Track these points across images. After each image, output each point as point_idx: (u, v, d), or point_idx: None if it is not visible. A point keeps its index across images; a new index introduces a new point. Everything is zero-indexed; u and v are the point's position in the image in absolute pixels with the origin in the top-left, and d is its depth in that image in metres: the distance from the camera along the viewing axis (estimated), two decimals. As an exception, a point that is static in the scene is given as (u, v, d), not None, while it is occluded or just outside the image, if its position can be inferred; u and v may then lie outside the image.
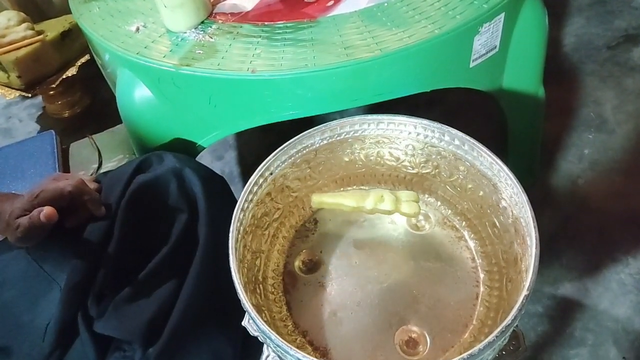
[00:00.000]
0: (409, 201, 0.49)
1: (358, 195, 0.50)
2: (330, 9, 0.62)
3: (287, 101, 0.56)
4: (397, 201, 0.49)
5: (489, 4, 0.57)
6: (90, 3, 0.69)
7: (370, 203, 0.49)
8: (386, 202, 0.49)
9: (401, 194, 0.50)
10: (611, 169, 0.97)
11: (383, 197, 0.49)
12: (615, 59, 1.19)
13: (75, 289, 0.54)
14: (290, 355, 0.38)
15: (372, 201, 0.50)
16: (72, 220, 0.57)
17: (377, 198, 0.49)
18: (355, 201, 0.51)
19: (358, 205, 0.51)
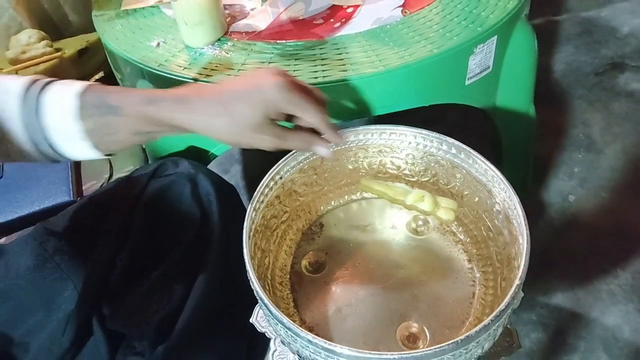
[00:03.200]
0: (447, 208, 0.51)
1: (402, 190, 0.52)
2: (337, 29, 0.67)
3: (296, 112, 0.60)
4: (436, 205, 0.51)
5: (482, 27, 0.63)
6: (113, 21, 0.74)
7: (410, 199, 0.51)
8: (425, 203, 0.50)
9: (441, 199, 0.52)
10: (600, 187, 1.01)
11: (424, 197, 0.51)
12: (603, 85, 1.25)
13: (92, 288, 0.56)
14: (301, 338, 0.41)
15: (412, 198, 0.51)
16: None
17: (418, 197, 0.51)
18: (399, 194, 0.53)
19: (399, 198, 0.52)
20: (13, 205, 0.75)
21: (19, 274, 0.57)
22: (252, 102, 0.42)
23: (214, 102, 0.42)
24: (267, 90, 0.42)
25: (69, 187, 0.77)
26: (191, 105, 0.42)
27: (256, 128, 0.43)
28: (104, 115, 0.42)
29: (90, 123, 0.43)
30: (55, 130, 0.43)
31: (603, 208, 0.97)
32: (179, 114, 0.42)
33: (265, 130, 0.43)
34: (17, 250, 0.59)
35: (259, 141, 0.44)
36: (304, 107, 0.43)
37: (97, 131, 0.43)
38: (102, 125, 0.43)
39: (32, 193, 0.78)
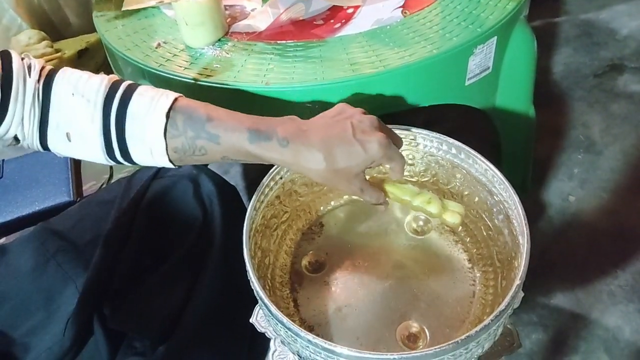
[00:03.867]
0: (454, 212, 0.51)
1: (409, 191, 0.52)
2: (337, 30, 0.67)
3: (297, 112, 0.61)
4: (444, 208, 0.51)
5: (482, 28, 0.63)
6: (114, 21, 0.74)
7: (417, 201, 0.51)
8: (432, 206, 0.51)
9: (448, 202, 0.52)
10: (600, 187, 1.01)
11: (431, 200, 0.51)
12: (602, 86, 1.26)
13: (94, 288, 0.56)
14: (301, 338, 0.41)
15: (419, 200, 0.51)
16: None
17: (425, 199, 0.51)
18: (406, 194, 0.52)
19: (406, 199, 0.52)
20: (13, 206, 0.75)
21: (20, 274, 0.57)
22: (357, 159, 0.43)
23: (319, 153, 0.43)
24: (372, 150, 0.43)
25: (69, 188, 0.77)
26: (297, 152, 0.43)
27: (350, 179, 0.45)
28: (198, 139, 0.43)
29: (177, 143, 0.43)
30: (136, 142, 0.43)
31: (603, 209, 0.97)
32: (284, 157, 0.44)
33: (357, 180, 0.46)
34: (18, 250, 0.59)
35: (347, 188, 0.46)
36: (398, 162, 0.46)
37: (184, 151, 0.44)
38: (190, 147, 0.43)
39: (32, 193, 0.78)
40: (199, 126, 0.43)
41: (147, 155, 0.44)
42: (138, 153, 0.44)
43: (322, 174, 0.44)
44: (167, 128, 0.42)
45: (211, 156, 0.44)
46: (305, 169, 0.44)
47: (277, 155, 0.44)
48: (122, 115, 0.43)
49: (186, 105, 0.44)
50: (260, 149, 0.43)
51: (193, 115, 0.43)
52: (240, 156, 0.45)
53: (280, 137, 0.43)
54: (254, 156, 0.44)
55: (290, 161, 0.44)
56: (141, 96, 0.43)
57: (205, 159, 0.45)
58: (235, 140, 0.43)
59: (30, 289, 0.56)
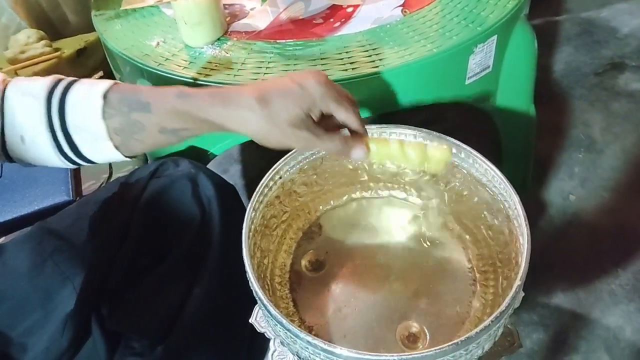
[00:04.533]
0: (439, 160, 0.46)
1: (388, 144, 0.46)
2: (337, 29, 0.67)
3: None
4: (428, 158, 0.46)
5: (482, 26, 0.63)
6: (113, 20, 0.74)
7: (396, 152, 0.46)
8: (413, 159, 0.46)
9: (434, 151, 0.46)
10: (600, 186, 1.01)
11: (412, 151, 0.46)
12: (603, 85, 1.25)
13: (91, 288, 0.56)
14: (300, 339, 0.41)
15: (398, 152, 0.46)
16: None
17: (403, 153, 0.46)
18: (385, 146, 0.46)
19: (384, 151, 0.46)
20: (12, 205, 0.75)
21: (17, 274, 0.57)
22: (293, 97, 0.41)
23: (252, 97, 0.41)
24: (308, 87, 0.41)
25: (68, 187, 0.77)
26: (228, 99, 0.42)
27: (294, 123, 0.41)
28: (132, 113, 0.42)
29: (115, 122, 0.42)
30: (79, 130, 0.43)
31: (604, 208, 0.97)
32: (215, 107, 0.42)
33: (303, 126, 0.42)
34: (15, 250, 0.59)
35: (293, 138, 0.42)
36: (340, 104, 0.43)
37: (123, 130, 0.43)
38: (128, 124, 0.42)
39: (31, 193, 0.78)
40: (132, 99, 0.42)
41: (92, 144, 0.43)
42: (84, 144, 0.43)
43: (261, 124, 0.41)
44: (104, 109, 0.42)
45: (150, 131, 0.43)
46: (241, 121, 0.42)
47: (207, 105, 0.42)
48: (63, 105, 0.42)
49: (122, 86, 0.43)
50: (188, 103, 0.42)
51: (127, 92, 0.43)
52: (174, 120, 0.43)
53: (210, 89, 0.43)
54: (185, 115, 0.42)
55: (222, 113, 0.41)
56: (81, 84, 0.43)
57: (146, 137, 0.43)
58: (165, 102, 0.42)
59: (27, 288, 0.56)
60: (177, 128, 0.43)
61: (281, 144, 0.43)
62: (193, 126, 0.43)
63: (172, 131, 0.44)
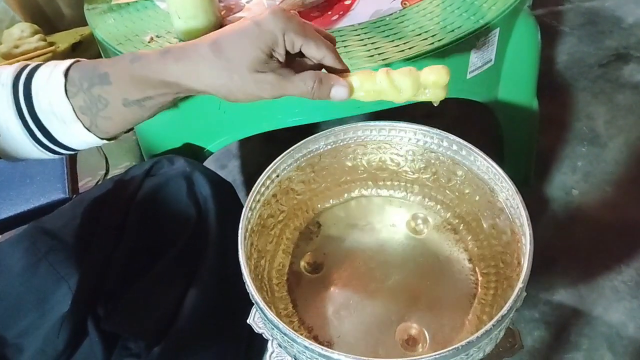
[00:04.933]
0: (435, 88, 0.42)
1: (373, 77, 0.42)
2: (334, 22, 0.65)
3: (293, 108, 0.59)
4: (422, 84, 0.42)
5: (484, 19, 0.61)
6: (106, 15, 0.72)
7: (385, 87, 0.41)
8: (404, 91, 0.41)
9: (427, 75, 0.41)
10: (604, 181, 1.00)
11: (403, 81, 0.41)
12: (607, 76, 1.23)
13: (87, 289, 0.56)
14: (297, 343, 0.40)
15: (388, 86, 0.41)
16: None
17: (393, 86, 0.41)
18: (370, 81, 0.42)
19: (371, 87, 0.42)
20: (8, 203, 0.75)
21: (12, 274, 0.56)
22: (249, 38, 0.37)
23: (205, 46, 0.38)
24: (264, 22, 0.37)
25: (64, 184, 0.76)
26: (180, 53, 0.38)
27: (255, 66, 0.37)
28: (93, 87, 0.40)
29: (79, 100, 0.40)
30: (47, 114, 0.41)
31: (607, 202, 0.96)
32: (167, 65, 0.39)
33: (267, 69, 0.38)
34: (9, 250, 0.58)
35: (258, 85, 0.38)
36: (307, 36, 0.38)
37: (88, 108, 0.41)
38: (91, 100, 0.40)
39: (27, 190, 0.77)
40: (91, 73, 0.40)
41: (62, 127, 0.42)
42: (55, 129, 0.42)
43: (216, 74, 0.38)
44: (66, 87, 0.40)
45: (114, 106, 0.41)
46: (199, 76, 0.38)
47: (159, 65, 0.39)
48: (29, 89, 0.41)
49: (83, 62, 0.42)
50: (141, 66, 0.39)
51: (87, 67, 0.41)
52: (134, 89, 0.40)
53: (162, 49, 0.40)
54: (142, 80, 0.39)
55: (179, 70, 0.38)
56: (45, 67, 0.41)
57: (112, 113, 0.41)
58: (121, 69, 0.40)
59: (22, 289, 0.56)
60: (139, 98, 0.41)
61: (248, 94, 0.39)
62: (153, 92, 0.40)
63: (136, 102, 0.41)
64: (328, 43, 0.40)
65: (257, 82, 0.38)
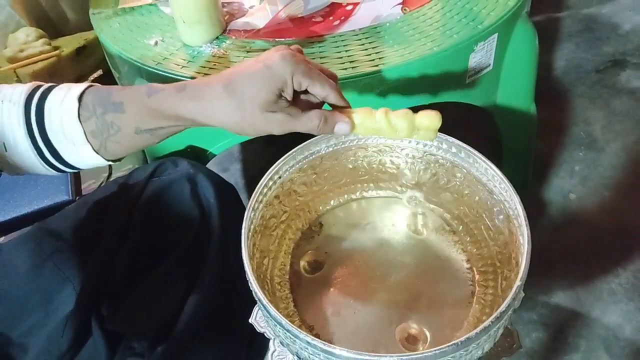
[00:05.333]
0: (427, 130, 0.44)
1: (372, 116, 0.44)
2: (336, 27, 0.66)
3: (295, 111, 0.60)
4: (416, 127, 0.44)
5: (483, 25, 0.62)
6: (111, 19, 0.73)
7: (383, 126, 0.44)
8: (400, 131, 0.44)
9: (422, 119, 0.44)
10: (601, 185, 1.01)
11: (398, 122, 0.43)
12: (604, 82, 1.25)
13: (91, 289, 0.56)
14: (299, 340, 0.40)
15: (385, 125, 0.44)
16: None
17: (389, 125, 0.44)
18: (369, 118, 0.45)
19: (369, 124, 0.45)
20: (12, 205, 0.75)
21: (17, 274, 0.57)
22: (260, 79, 0.39)
23: (219, 86, 0.40)
24: (274, 65, 0.39)
25: (68, 186, 0.77)
26: (196, 91, 0.41)
27: (266, 107, 0.40)
28: (106, 114, 0.42)
29: (91, 124, 0.42)
30: (57, 135, 0.42)
31: (604, 206, 0.97)
32: (183, 101, 0.41)
33: (276, 109, 0.40)
34: (14, 250, 0.59)
35: (269, 124, 0.40)
36: (312, 77, 0.40)
37: (99, 133, 0.42)
38: (103, 126, 0.42)
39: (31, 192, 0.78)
40: (105, 100, 0.42)
41: (71, 148, 0.43)
42: (64, 149, 0.43)
43: (233, 113, 0.40)
44: (79, 112, 0.41)
45: (125, 133, 0.42)
46: (212, 113, 0.40)
47: (175, 101, 0.41)
48: (41, 109, 0.42)
49: (97, 88, 0.43)
50: (157, 100, 0.41)
51: (101, 93, 0.42)
52: (147, 119, 0.42)
53: (177, 84, 0.42)
54: (156, 112, 0.41)
55: (192, 107, 0.40)
56: (59, 89, 0.43)
57: (123, 139, 0.43)
58: (137, 100, 0.41)
59: (27, 289, 0.56)
60: (152, 128, 0.42)
61: (258, 130, 0.41)
62: (166, 124, 0.42)
63: (148, 131, 0.43)
64: (331, 82, 0.42)
65: (267, 120, 0.40)
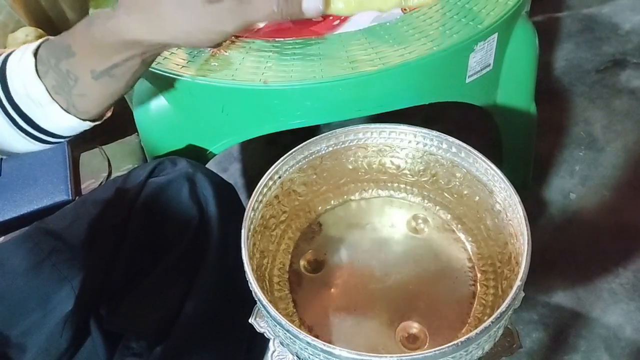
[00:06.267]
0: None
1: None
2: (336, 27, 0.66)
3: (295, 110, 0.60)
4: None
5: (483, 24, 0.62)
6: (111, 19, 0.73)
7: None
8: None
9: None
10: (601, 185, 1.01)
11: None
12: (604, 82, 1.25)
13: (90, 288, 0.56)
14: (299, 340, 0.40)
15: None
16: None
17: None
18: None
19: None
20: (11, 204, 0.75)
21: (15, 274, 0.56)
22: None
23: None
24: None
25: (67, 186, 0.77)
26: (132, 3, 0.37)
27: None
28: (60, 63, 0.39)
29: (50, 79, 0.39)
30: (24, 99, 0.40)
31: (604, 206, 0.97)
32: (119, 21, 0.37)
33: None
34: (12, 250, 0.58)
35: (219, 18, 0.36)
36: None
37: (60, 87, 0.39)
38: (60, 77, 0.39)
39: (30, 192, 0.77)
40: (55, 48, 0.40)
41: (40, 111, 0.41)
42: (34, 114, 0.41)
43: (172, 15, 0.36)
44: (37, 67, 0.39)
45: (83, 80, 0.39)
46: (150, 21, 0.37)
47: (120, 23, 0.37)
48: (3, 75, 0.40)
49: (52, 39, 0.41)
50: (98, 30, 0.38)
51: (54, 43, 0.40)
52: (98, 58, 0.38)
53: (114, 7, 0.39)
54: (102, 45, 0.38)
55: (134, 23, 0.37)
56: (18, 50, 0.41)
57: (85, 89, 0.40)
58: (81, 37, 0.39)
59: (25, 289, 0.56)
60: (106, 67, 0.39)
61: (209, 32, 0.37)
62: (118, 58, 0.39)
63: (105, 72, 0.39)
64: None
65: (213, 14, 0.35)
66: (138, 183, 0.62)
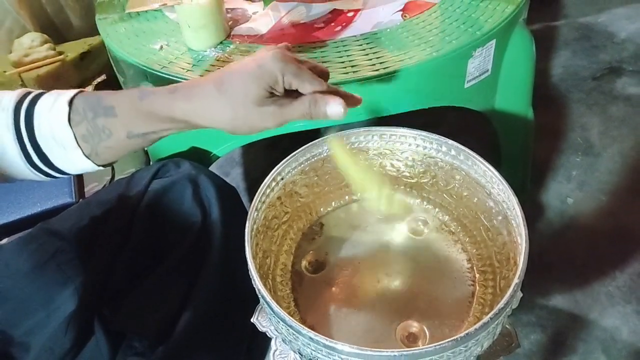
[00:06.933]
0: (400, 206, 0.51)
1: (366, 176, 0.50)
2: (338, 33, 0.68)
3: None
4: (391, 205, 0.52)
5: (481, 31, 0.64)
6: (117, 24, 0.75)
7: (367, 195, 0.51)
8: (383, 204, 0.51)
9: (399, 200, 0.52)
10: (598, 189, 1.02)
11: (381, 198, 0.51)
12: (600, 89, 1.26)
13: (94, 289, 0.57)
14: (302, 335, 0.41)
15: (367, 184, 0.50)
16: None
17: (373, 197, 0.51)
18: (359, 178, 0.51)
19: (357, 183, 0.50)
20: (15, 207, 0.76)
21: (20, 274, 0.57)
22: (252, 77, 0.40)
23: (211, 85, 0.40)
24: (265, 63, 0.40)
25: (71, 189, 0.78)
26: (188, 92, 0.41)
27: (257, 102, 0.40)
28: (97, 118, 0.41)
29: (82, 129, 0.41)
30: (47, 139, 0.42)
31: (601, 211, 0.98)
32: (175, 102, 0.41)
33: (267, 102, 0.41)
34: (17, 250, 0.59)
35: (262, 117, 0.41)
36: (301, 77, 0.41)
37: (90, 137, 0.42)
38: (94, 130, 0.42)
39: (34, 194, 0.78)
40: (95, 104, 0.42)
41: (61, 153, 0.42)
42: (54, 154, 0.43)
43: (224, 111, 0.40)
44: (70, 116, 0.41)
45: (117, 136, 0.42)
46: (204, 112, 0.41)
47: (168, 102, 0.41)
48: (30, 114, 0.42)
49: (87, 93, 0.43)
50: (150, 102, 0.41)
51: (91, 99, 0.42)
52: (140, 123, 0.42)
53: (169, 87, 0.42)
54: (149, 115, 0.41)
55: (184, 107, 0.41)
56: (49, 95, 0.43)
57: (114, 143, 0.42)
58: (128, 104, 0.41)
59: (29, 289, 0.57)
60: (145, 132, 0.42)
61: (251, 126, 0.42)
62: (159, 127, 0.42)
63: (140, 135, 0.43)
64: (320, 81, 0.42)
65: (260, 114, 0.41)
66: (142, 185, 0.63)
